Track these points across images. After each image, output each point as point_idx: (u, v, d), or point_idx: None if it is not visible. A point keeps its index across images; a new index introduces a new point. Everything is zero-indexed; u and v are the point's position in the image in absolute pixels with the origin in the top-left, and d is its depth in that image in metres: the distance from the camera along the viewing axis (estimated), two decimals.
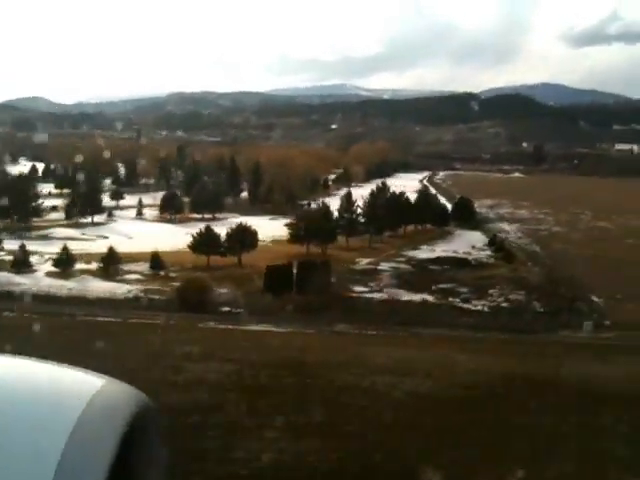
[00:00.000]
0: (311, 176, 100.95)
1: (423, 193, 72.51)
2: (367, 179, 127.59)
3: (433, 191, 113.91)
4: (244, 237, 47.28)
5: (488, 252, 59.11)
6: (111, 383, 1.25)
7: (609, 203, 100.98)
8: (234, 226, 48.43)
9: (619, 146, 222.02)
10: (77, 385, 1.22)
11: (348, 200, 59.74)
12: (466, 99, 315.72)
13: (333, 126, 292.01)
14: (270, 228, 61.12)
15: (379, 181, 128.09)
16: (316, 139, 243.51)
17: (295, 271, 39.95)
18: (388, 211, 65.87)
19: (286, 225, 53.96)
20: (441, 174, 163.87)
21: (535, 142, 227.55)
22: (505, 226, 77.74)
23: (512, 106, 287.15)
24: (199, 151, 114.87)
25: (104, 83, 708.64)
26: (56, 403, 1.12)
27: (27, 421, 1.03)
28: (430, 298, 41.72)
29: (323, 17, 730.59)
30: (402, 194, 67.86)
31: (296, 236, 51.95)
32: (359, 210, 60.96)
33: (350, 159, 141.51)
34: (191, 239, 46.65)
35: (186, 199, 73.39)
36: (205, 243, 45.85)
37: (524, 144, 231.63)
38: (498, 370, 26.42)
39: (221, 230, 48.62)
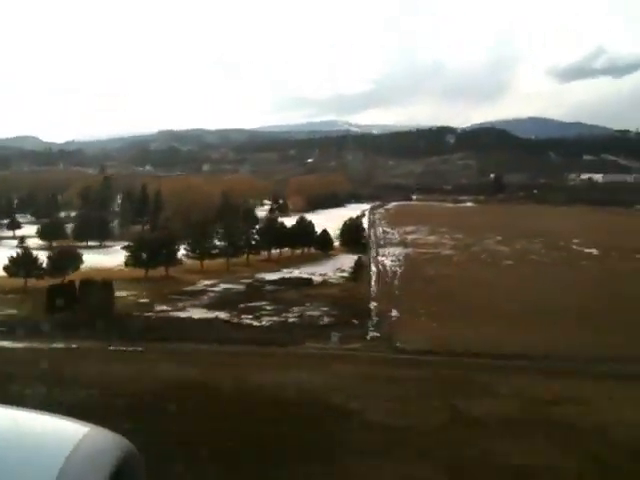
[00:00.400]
0: (234, 206, 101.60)
1: (302, 221, 73.02)
2: (310, 209, 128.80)
3: (366, 220, 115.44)
4: (66, 260, 47.74)
5: (345, 274, 59.12)
6: (95, 430, 1.25)
7: (530, 229, 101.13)
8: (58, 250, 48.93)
9: (584, 176, 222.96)
10: (60, 433, 1.21)
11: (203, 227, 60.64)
12: (443, 133, 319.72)
13: (309, 160, 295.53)
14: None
15: (323, 211, 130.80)
16: (286, 172, 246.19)
17: (77, 290, 40.22)
18: (261, 236, 66.90)
19: (124, 248, 54.33)
20: (391, 204, 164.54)
21: (503, 173, 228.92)
22: (395, 250, 77.85)
23: (487, 139, 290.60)
24: (137, 183, 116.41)
25: (97, 122, 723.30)
26: (39, 452, 1.09)
27: (10, 471, 0.99)
28: (223, 315, 41.72)
29: (316, 55, 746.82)
30: (276, 221, 68.80)
31: (134, 259, 52.29)
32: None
33: (293, 190, 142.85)
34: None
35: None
36: (21, 266, 46.26)
37: (491, 175, 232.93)
38: (158, 376, 26.56)
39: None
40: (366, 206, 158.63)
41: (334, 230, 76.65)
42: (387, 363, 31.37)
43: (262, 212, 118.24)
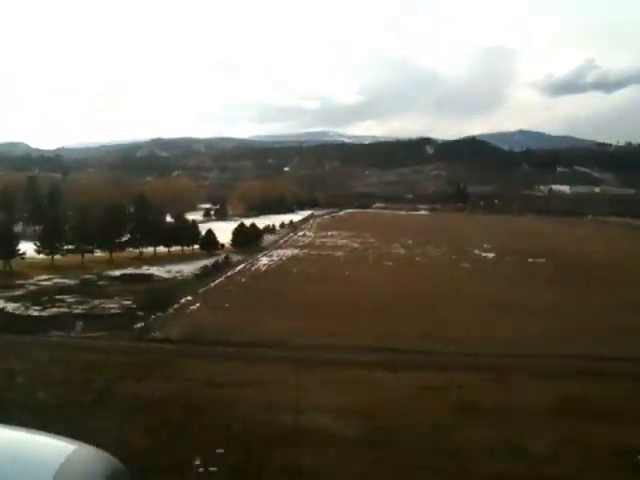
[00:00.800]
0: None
1: (185, 221, 72.22)
2: (255, 214, 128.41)
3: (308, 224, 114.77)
4: None
5: (199, 272, 58.20)
6: (82, 448, 1.21)
7: (451, 235, 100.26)
8: None
9: (555, 187, 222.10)
10: (47, 451, 1.18)
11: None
12: (423, 144, 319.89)
13: (286, 169, 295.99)
14: None
15: (268, 217, 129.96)
16: (259, 179, 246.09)
17: None
18: (134, 233, 66.33)
19: None
20: (344, 212, 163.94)
21: (474, 183, 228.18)
22: (288, 251, 77.01)
23: (467, 151, 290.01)
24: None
25: (88, 129, 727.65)
26: (26, 471, 1.07)
27: None
28: (12, 306, 40.95)
29: (308, 66, 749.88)
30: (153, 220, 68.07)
31: None
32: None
33: (240, 195, 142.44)
34: None
35: None
36: None
37: (461, 185, 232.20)
38: None
39: None
40: (319, 212, 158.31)
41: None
42: (108, 350, 30.35)
43: (194, 216, 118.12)
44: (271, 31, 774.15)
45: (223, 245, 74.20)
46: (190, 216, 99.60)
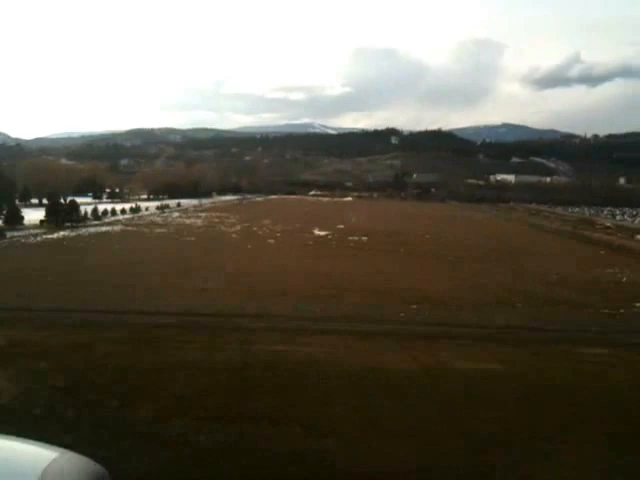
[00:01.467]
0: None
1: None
2: (164, 198, 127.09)
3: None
4: None
5: None
6: (64, 455, 1.18)
7: (329, 217, 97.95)
8: None
9: (501, 176, 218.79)
10: (28, 459, 1.16)
11: None
12: (388, 134, 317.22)
13: (247, 158, 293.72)
14: None
15: (176, 200, 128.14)
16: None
17: None
18: None
19: None
20: (263, 197, 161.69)
21: (425, 172, 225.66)
22: (110, 228, 75.11)
23: (431, 141, 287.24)
24: None
25: (69, 119, 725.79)
26: (8, 478, 1.08)
27: None
28: None
29: (296, 58, 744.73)
30: None
31: None
32: None
33: (144, 179, 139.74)
34: None
35: None
36: None
37: (414, 175, 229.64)
38: None
39: None
40: (233, 197, 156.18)
41: None
42: None
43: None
44: (260, 25, 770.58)
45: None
46: (82, 199, 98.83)
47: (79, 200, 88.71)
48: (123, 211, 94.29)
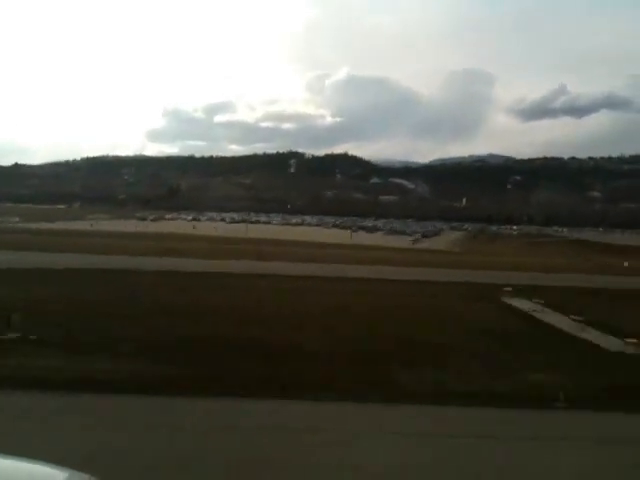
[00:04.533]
0: None
1: None
2: None
3: None
4: None
5: None
6: (74, 476, 1.26)
7: None
8: None
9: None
10: (42, 479, 0.99)
11: None
12: (289, 158, 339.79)
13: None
14: None
15: None
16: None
17: None
18: None
19: None
20: None
21: (280, 191, 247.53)
22: None
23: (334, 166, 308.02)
24: None
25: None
26: None
27: None
28: None
29: (287, 88, 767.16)
30: None
31: None
32: None
33: None
34: None
35: None
36: None
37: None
38: None
39: None
40: None
41: None
42: None
43: None
44: (250, 51, 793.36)
45: None
46: None
47: None
48: None
